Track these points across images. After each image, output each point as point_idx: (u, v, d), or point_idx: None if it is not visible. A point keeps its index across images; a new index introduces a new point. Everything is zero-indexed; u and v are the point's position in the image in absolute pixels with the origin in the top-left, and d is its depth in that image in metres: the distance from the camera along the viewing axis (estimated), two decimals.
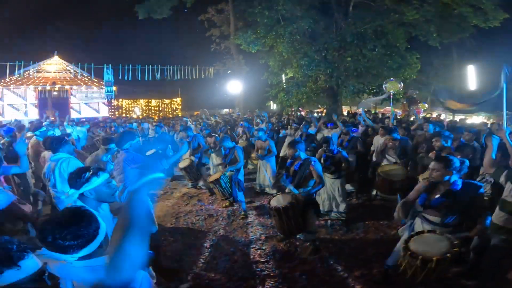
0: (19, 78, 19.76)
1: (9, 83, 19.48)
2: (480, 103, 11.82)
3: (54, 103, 21.11)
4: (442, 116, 14.45)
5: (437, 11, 9.95)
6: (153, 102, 25.60)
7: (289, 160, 4.03)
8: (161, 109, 25.81)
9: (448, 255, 2.19)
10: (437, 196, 2.55)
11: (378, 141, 5.74)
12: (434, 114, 13.76)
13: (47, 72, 21.32)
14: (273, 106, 23.68)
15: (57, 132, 5.72)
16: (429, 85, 19.68)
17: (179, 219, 5.03)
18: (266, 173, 5.91)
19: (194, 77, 20.97)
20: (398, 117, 11.40)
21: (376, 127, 6.72)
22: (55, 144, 3.26)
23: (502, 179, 2.74)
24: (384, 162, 5.21)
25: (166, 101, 26.01)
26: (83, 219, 1.25)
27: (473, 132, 4.96)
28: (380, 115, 11.21)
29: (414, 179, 4.61)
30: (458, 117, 13.79)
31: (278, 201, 3.59)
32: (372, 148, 6.08)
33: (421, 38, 11.21)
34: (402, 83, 7.41)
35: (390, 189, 4.60)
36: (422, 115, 12.03)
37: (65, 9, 25.51)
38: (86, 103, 22.28)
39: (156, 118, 20.16)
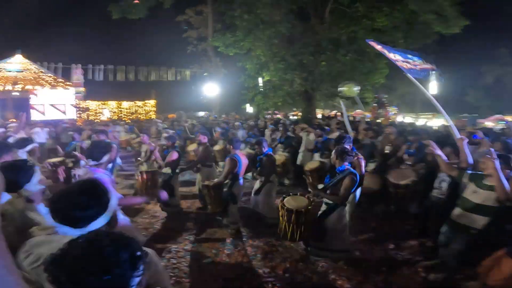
0: None
1: None
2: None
3: (15, 104, 19.67)
4: (406, 119, 15.44)
5: (405, 18, 10.61)
6: (125, 103, 24.67)
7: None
8: (134, 111, 24.94)
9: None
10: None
11: None
12: (399, 118, 14.65)
13: (7, 71, 19.81)
14: (249, 109, 23.86)
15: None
16: (394, 90, 20.90)
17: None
18: None
19: (169, 78, 20.59)
20: (368, 120, 11.99)
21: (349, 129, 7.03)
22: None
23: (465, 179, 3.03)
24: None
25: (139, 103, 25.19)
26: (95, 190, 1.24)
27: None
28: (352, 118, 11.75)
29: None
30: (420, 120, 14.84)
31: (291, 202, 3.53)
32: None
33: (389, 44, 11.90)
34: (358, 87, 7.13)
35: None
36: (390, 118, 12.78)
37: (31, 4, 23.88)
38: (51, 104, 20.94)
39: (128, 120, 19.49)
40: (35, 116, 19.75)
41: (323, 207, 3.53)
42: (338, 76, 11.13)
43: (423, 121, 17.53)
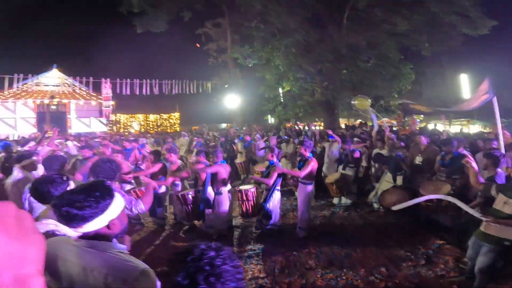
0: (17, 92, 19.76)
1: (7, 96, 19.47)
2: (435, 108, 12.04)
3: (52, 117, 21.11)
4: (439, 127, 14.52)
5: (427, 21, 10.18)
6: (151, 117, 25.66)
7: None
8: (159, 124, 25.83)
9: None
10: None
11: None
12: (431, 125, 13.84)
13: (45, 85, 21.35)
14: (271, 120, 23.79)
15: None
16: (422, 95, 19.92)
17: None
18: None
19: (192, 91, 21.13)
20: (394, 129, 11.43)
21: (374, 138, 6.71)
22: None
23: (493, 192, 2.98)
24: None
25: (164, 115, 26.08)
26: (96, 190, 1.20)
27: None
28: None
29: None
30: (453, 127, 13.90)
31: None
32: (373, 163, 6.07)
33: (413, 48, 11.45)
34: (369, 100, 7.28)
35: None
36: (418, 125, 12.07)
37: (64, 22, 25.84)
38: (80, 118, 22.23)
39: (154, 133, 20.14)
40: (70, 128, 21.06)
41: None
42: (360, 84, 10.80)
43: (457, 128, 16.42)
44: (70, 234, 1.20)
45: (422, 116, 16.51)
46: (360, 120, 15.45)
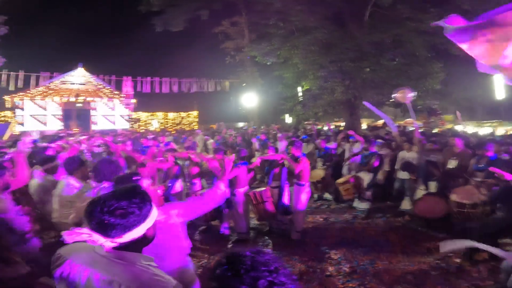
0: (45, 89, 20.60)
1: (34, 94, 20.36)
2: None
3: (78, 114, 21.88)
4: (468, 129, 13.73)
5: None
6: (171, 115, 26.05)
7: None
8: (178, 122, 26.19)
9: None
10: None
11: (404, 156, 5.39)
12: (459, 127, 13.09)
13: (71, 83, 22.14)
14: (288, 119, 23.51)
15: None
16: (449, 95, 18.92)
17: None
18: None
19: (210, 90, 21.23)
20: (420, 130, 10.89)
21: (399, 140, 6.34)
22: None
23: None
24: None
25: (183, 114, 26.41)
26: (137, 196, 1.12)
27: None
28: (402, 128, 10.77)
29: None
30: (484, 129, 13.07)
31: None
32: (396, 165, 5.73)
33: (441, 46, 10.84)
34: (413, 93, 6.95)
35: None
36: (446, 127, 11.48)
37: (88, 22, 26.79)
38: (104, 115, 22.88)
39: (173, 131, 20.42)
40: (94, 126, 21.77)
41: None
42: (383, 83, 10.34)
43: (487, 130, 15.44)
44: (106, 245, 1.08)
45: (452, 116, 15.66)
46: (383, 121, 14.89)
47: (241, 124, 26.32)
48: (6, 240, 2.00)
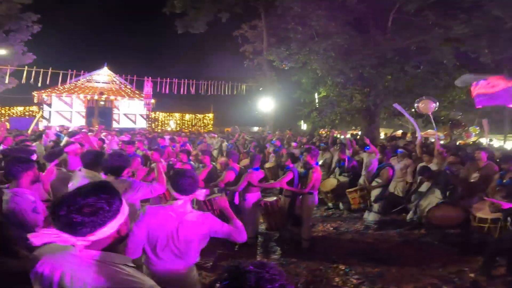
0: (71, 87, 21.52)
1: (61, 90, 21.30)
2: None
3: (100, 112, 22.66)
4: (493, 142, 13.02)
5: (487, 25, 9.14)
6: (187, 116, 26.46)
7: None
8: (194, 123, 26.54)
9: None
10: None
11: None
12: (485, 140, 12.42)
13: (96, 82, 23.01)
14: (304, 125, 23.25)
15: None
16: (474, 106, 18.01)
17: None
18: None
19: (226, 93, 21.38)
20: (442, 142, 10.42)
21: (419, 151, 6.07)
22: None
23: None
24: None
25: (199, 115, 26.75)
26: (104, 191, 1.08)
27: None
28: (423, 140, 10.29)
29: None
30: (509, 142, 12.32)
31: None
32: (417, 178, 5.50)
33: (471, 55, 10.34)
34: (437, 103, 6.69)
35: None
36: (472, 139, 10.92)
37: (113, 23, 27.91)
38: (125, 114, 23.55)
39: (188, 132, 20.68)
40: (115, 124, 22.45)
41: None
42: (406, 92, 9.99)
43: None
44: (77, 244, 1.03)
45: (478, 129, 14.87)
46: (402, 131, 14.41)
47: (256, 129, 26.31)
48: (16, 234, 2.01)
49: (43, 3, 16.92)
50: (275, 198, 4.53)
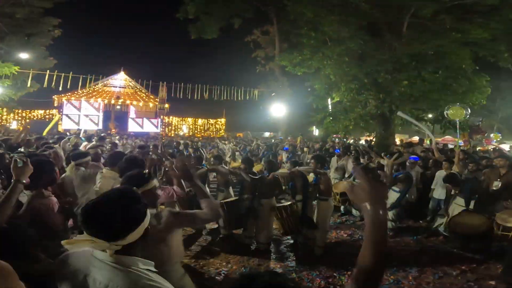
0: (90, 91, 22.19)
1: (80, 95, 22.01)
2: None
3: (116, 116, 23.22)
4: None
5: (506, 29, 8.88)
6: (199, 121, 26.76)
7: None
8: (206, 128, 26.80)
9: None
10: None
11: (442, 176, 5.02)
12: (507, 146, 11.95)
13: (113, 86, 23.63)
14: (316, 131, 23.07)
15: None
16: (495, 112, 17.45)
17: None
18: None
19: (239, 98, 21.54)
20: (461, 148, 10.09)
21: (441, 158, 5.92)
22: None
23: None
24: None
25: (211, 120, 27.00)
26: (132, 196, 1.14)
27: None
28: (441, 146, 10.03)
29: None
30: None
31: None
32: (433, 185, 5.34)
33: (490, 59, 10.05)
34: (469, 109, 6.53)
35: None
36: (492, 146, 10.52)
37: (130, 29, 28.80)
38: (137, 118, 24.04)
39: (200, 137, 20.89)
40: (130, 128, 22.94)
41: None
42: (423, 97, 9.78)
43: None
44: (109, 249, 1.06)
45: (500, 135, 14.36)
46: (418, 137, 14.07)
47: (267, 134, 26.30)
48: (37, 237, 2.05)
49: (63, 8, 17.59)
50: (288, 203, 4.51)
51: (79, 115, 22.17)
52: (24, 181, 1.75)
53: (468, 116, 6.64)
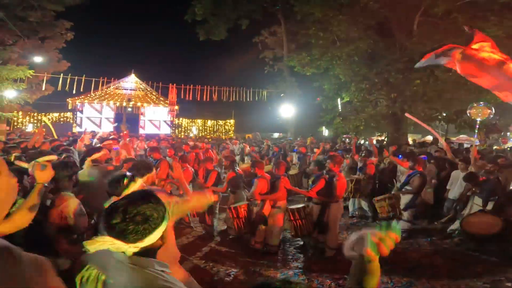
0: (102, 94, 22.63)
1: (93, 97, 22.48)
2: None
3: (128, 118, 23.60)
4: None
5: None
6: (209, 122, 26.91)
7: None
8: (216, 129, 26.91)
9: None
10: None
11: (458, 177, 4.91)
12: None
13: (124, 89, 24.03)
14: (325, 132, 22.88)
15: None
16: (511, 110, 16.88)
17: None
18: None
19: (247, 99, 21.57)
20: (477, 146, 9.84)
21: (454, 159, 5.80)
22: None
23: None
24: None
25: (221, 121, 27.11)
26: (152, 198, 1.15)
27: None
28: (457, 146, 9.81)
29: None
30: None
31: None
32: (448, 185, 5.24)
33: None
34: (493, 109, 6.36)
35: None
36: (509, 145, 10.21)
37: (139, 31, 29.27)
38: (150, 120, 24.35)
39: (210, 138, 21.01)
40: (141, 130, 23.27)
41: None
42: (437, 96, 9.59)
43: None
44: (128, 251, 1.09)
45: None
46: (433, 137, 13.77)
47: (276, 135, 26.22)
48: (59, 236, 2.09)
49: (74, 12, 17.96)
50: (302, 205, 4.49)
51: (101, 118, 22.67)
52: (46, 184, 1.80)
53: (492, 116, 6.44)
